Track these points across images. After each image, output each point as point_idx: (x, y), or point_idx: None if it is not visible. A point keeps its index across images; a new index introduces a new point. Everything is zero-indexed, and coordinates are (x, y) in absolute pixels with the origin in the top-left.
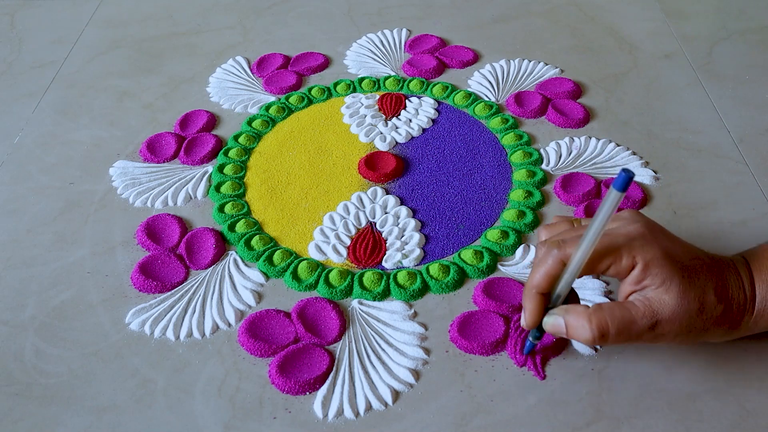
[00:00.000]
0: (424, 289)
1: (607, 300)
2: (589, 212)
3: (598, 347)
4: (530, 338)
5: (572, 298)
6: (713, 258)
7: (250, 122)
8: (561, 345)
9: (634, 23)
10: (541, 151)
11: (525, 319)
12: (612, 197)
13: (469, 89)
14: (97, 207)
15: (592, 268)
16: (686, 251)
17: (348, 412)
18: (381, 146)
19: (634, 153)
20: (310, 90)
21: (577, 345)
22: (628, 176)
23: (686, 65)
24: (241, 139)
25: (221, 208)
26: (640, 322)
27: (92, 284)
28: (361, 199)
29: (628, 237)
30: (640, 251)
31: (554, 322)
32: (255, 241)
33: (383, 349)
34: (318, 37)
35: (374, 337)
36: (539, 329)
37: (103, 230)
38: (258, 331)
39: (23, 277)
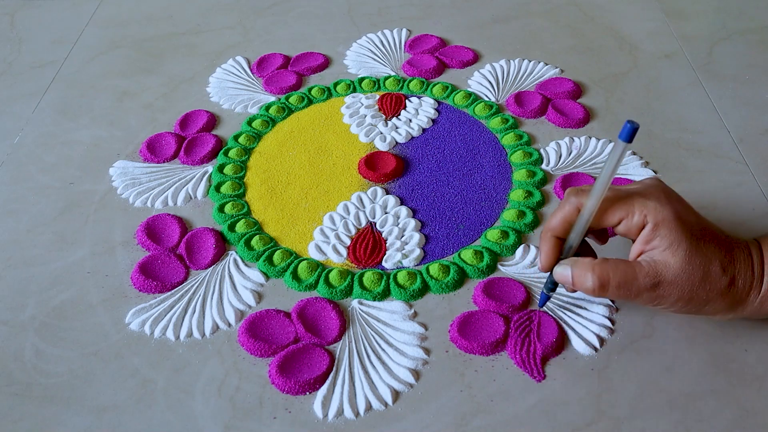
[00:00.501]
0: (424, 289)
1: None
2: None
3: (598, 347)
4: (544, 290)
5: (588, 253)
6: (726, 234)
7: (250, 122)
8: (561, 345)
9: (634, 23)
10: (541, 151)
11: (540, 262)
12: (618, 148)
13: (469, 89)
14: (97, 207)
15: (603, 219)
16: (699, 221)
17: (348, 412)
18: (381, 146)
19: (634, 153)
20: (310, 90)
21: (577, 345)
22: (633, 127)
23: (686, 65)
24: (241, 139)
25: (221, 208)
26: (642, 280)
27: (92, 284)
28: (361, 199)
29: (642, 195)
30: (652, 211)
31: (562, 271)
32: (255, 241)
33: (383, 349)
34: (318, 37)
35: (374, 337)
36: (553, 282)
37: (103, 230)
38: (258, 331)
39: (23, 277)
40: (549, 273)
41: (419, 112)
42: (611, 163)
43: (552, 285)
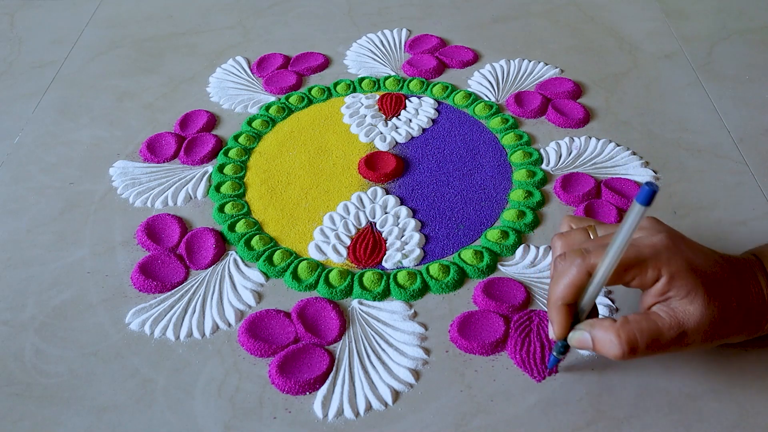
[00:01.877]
0: (424, 289)
1: (607, 299)
2: (589, 213)
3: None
4: (554, 353)
5: (591, 310)
6: (729, 261)
7: (250, 122)
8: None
9: (634, 23)
10: (541, 151)
11: (554, 332)
12: (635, 211)
13: (469, 89)
14: (97, 207)
15: (617, 279)
16: (707, 259)
17: (348, 412)
18: (381, 146)
19: (634, 153)
20: (310, 90)
21: None
22: (651, 190)
23: (686, 65)
24: (241, 139)
25: (221, 208)
26: (668, 333)
27: (92, 284)
28: (361, 199)
29: (653, 248)
30: (665, 263)
31: (580, 337)
32: (255, 241)
33: (383, 349)
34: (318, 37)
35: (374, 337)
36: (564, 344)
37: (103, 230)
38: (258, 331)
39: (23, 277)
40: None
41: (419, 112)
42: (629, 226)
43: (563, 348)
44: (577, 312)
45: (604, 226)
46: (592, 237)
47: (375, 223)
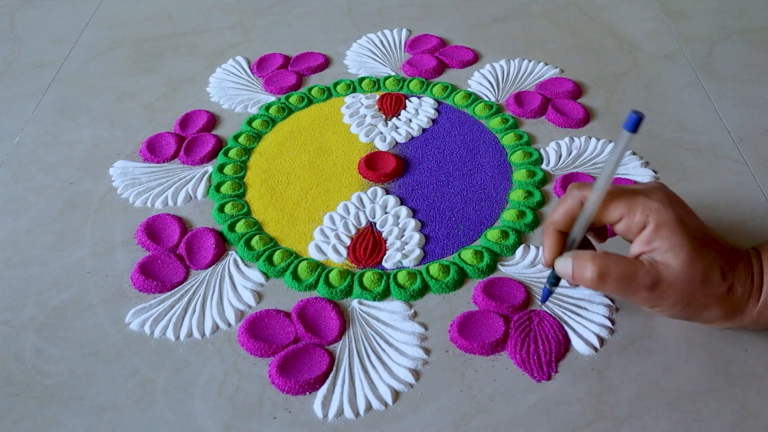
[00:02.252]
0: (424, 289)
1: (607, 299)
2: None
3: (598, 347)
4: (546, 285)
5: (589, 249)
6: (726, 242)
7: (250, 122)
8: (565, 347)
9: (634, 23)
10: (541, 151)
11: (544, 257)
12: (623, 138)
13: (469, 89)
14: (97, 207)
15: (605, 214)
16: (701, 226)
17: (348, 412)
18: (381, 146)
19: (634, 153)
20: (310, 90)
21: (577, 345)
22: (637, 117)
23: (686, 65)
24: (241, 139)
25: (221, 208)
26: (642, 277)
27: (92, 284)
28: (361, 199)
29: (645, 195)
30: (654, 211)
31: (563, 263)
32: (255, 241)
33: (383, 349)
34: (318, 37)
35: (374, 337)
36: (555, 277)
37: (103, 230)
38: (258, 331)
39: (23, 277)
40: (551, 268)
41: (419, 112)
42: (616, 153)
43: (554, 280)
44: (568, 243)
45: None
46: None
47: (375, 223)
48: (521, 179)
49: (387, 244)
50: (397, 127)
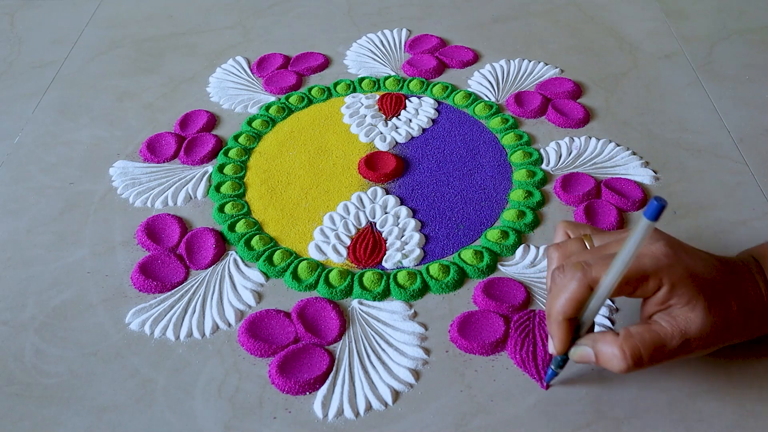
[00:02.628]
0: (424, 289)
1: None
2: (589, 213)
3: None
4: (553, 367)
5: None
6: (728, 264)
7: (250, 122)
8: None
9: (634, 23)
10: (541, 151)
11: (555, 347)
12: (643, 226)
13: (469, 89)
14: (97, 207)
15: (618, 291)
16: (706, 265)
17: (348, 412)
18: (381, 146)
19: (634, 153)
20: (310, 90)
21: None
22: (660, 205)
23: (686, 65)
24: (241, 139)
25: (221, 208)
26: (671, 342)
27: (92, 284)
28: (361, 199)
29: (653, 258)
30: (666, 273)
31: (582, 352)
32: (255, 241)
33: (383, 349)
34: (318, 37)
35: (374, 337)
36: (563, 358)
37: (103, 230)
38: (258, 331)
39: (23, 277)
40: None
41: (419, 112)
42: (635, 242)
43: (562, 362)
44: (578, 326)
45: (600, 233)
46: (588, 247)
47: (375, 223)
48: (521, 179)
49: (387, 244)
50: (397, 127)
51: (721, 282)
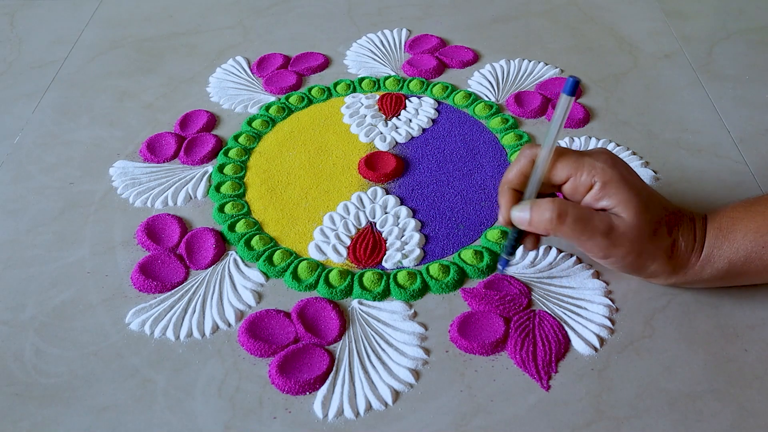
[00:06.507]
0: (424, 289)
1: (607, 299)
2: None
3: (598, 347)
4: (503, 254)
5: None
6: (670, 204)
7: (250, 122)
8: (565, 347)
9: (634, 23)
10: None
11: (500, 215)
12: (563, 101)
13: (469, 89)
14: (97, 207)
15: (554, 173)
16: (644, 186)
17: (348, 412)
18: (381, 146)
19: (634, 153)
20: (310, 90)
21: (577, 345)
22: (574, 80)
23: (686, 65)
24: (241, 139)
25: (221, 208)
26: (598, 222)
27: (92, 284)
28: (361, 199)
29: (591, 157)
30: (600, 171)
31: (520, 212)
32: (255, 241)
33: (383, 349)
34: (318, 37)
35: (374, 337)
36: (512, 245)
37: (103, 230)
38: (258, 331)
39: (23, 277)
40: (508, 237)
41: (419, 112)
42: (558, 114)
43: (511, 248)
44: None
45: None
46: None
47: (375, 223)
48: None
49: (387, 244)
50: (397, 127)
51: (657, 203)
